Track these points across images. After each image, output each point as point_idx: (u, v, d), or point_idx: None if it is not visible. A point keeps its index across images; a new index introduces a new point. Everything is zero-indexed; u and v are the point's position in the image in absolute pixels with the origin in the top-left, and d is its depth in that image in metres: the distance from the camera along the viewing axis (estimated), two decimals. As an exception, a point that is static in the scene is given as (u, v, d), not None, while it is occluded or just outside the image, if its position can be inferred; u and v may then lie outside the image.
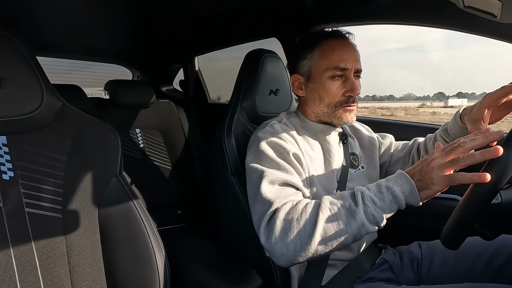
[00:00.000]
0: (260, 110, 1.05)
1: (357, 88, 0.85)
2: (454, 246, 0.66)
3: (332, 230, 0.64)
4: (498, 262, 0.84)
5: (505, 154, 0.56)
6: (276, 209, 0.70)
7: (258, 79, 1.03)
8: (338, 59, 0.85)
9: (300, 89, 0.92)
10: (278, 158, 0.78)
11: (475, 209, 0.59)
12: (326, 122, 0.91)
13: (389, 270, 0.91)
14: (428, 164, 0.62)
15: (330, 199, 0.68)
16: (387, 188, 0.64)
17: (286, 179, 0.75)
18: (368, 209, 0.64)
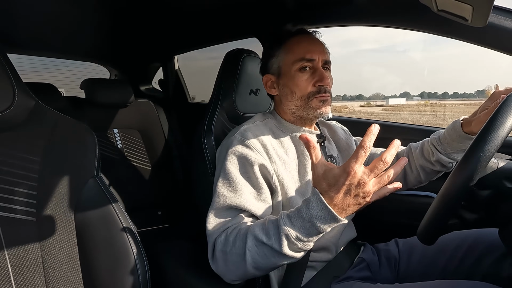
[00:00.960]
0: (240, 110, 1.05)
1: (326, 77, 0.86)
2: (430, 242, 0.69)
3: (263, 264, 0.69)
4: (471, 258, 0.87)
5: (475, 154, 0.58)
6: (214, 241, 0.75)
7: (238, 79, 1.03)
8: (303, 51, 0.86)
9: (273, 88, 0.93)
10: (234, 175, 0.79)
11: (449, 206, 0.61)
12: (303, 117, 0.90)
13: (367, 268, 0.92)
14: (363, 191, 0.60)
15: (255, 234, 0.68)
16: (312, 224, 0.63)
17: (232, 203, 0.77)
18: (295, 247, 0.65)
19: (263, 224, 0.70)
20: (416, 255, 0.94)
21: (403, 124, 1.49)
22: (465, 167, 0.58)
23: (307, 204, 0.64)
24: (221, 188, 0.79)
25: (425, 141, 0.97)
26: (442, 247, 0.91)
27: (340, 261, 0.90)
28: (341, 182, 0.60)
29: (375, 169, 0.59)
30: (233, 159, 0.81)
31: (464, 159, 0.59)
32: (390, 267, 0.95)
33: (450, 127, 0.90)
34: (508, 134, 0.58)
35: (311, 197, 0.64)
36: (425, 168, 0.96)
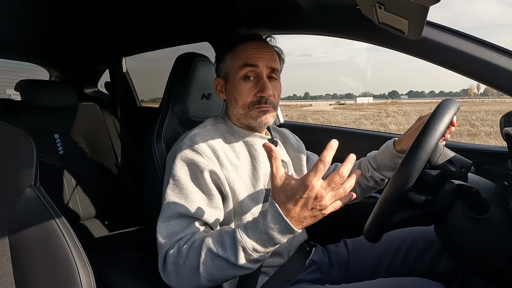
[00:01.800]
0: (192, 114, 1.03)
1: (268, 88, 0.84)
2: (375, 240, 0.74)
3: (218, 277, 0.68)
4: (413, 255, 0.93)
5: (412, 158, 0.64)
6: (166, 253, 0.72)
7: (189, 83, 1.01)
8: (248, 56, 0.86)
9: (221, 92, 0.93)
10: (184, 182, 0.77)
11: (390, 205, 0.67)
12: (247, 126, 0.90)
13: (317, 270, 0.94)
14: (320, 205, 0.62)
15: (210, 247, 0.67)
16: (268, 236, 0.64)
17: (182, 211, 0.75)
18: (252, 258, 0.65)
19: (218, 236, 0.69)
20: (364, 254, 0.99)
21: (359, 130, 1.57)
22: (403, 170, 0.64)
23: (264, 216, 0.64)
24: (171, 195, 0.77)
25: (363, 158, 1.05)
26: (387, 246, 0.97)
27: (291, 264, 0.92)
28: (299, 195, 0.61)
29: (332, 183, 0.61)
30: (182, 166, 0.79)
31: (403, 163, 0.65)
32: (339, 268, 0.98)
33: (384, 146, 0.98)
34: (439, 139, 0.66)
35: (268, 209, 0.64)
36: (361, 184, 1.03)
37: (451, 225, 0.77)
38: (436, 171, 0.74)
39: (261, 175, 0.89)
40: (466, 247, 0.76)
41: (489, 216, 0.71)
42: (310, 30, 1.20)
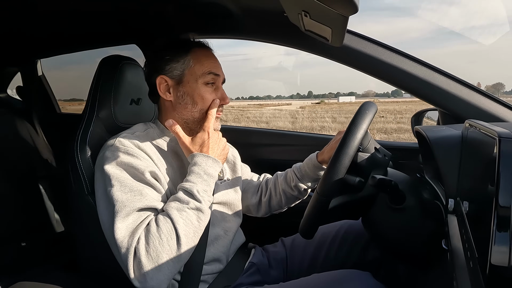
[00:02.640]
0: (120, 121, 0.97)
1: (227, 97, 0.91)
2: (310, 236, 0.77)
3: (192, 232, 0.73)
4: (344, 248, 0.99)
5: (341, 155, 0.70)
6: (134, 250, 0.69)
7: (116, 88, 0.95)
8: (212, 65, 0.89)
9: (167, 92, 0.89)
10: (130, 182, 0.75)
11: (321, 203, 0.71)
12: (193, 130, 0.89)
13: (257, 272, 0.95)
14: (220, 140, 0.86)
15: (176, 206, 0.73)
16: (207, 174, 0.79)
17: (140, 205, 0.73)
18: (205, 198, 0.76)
19: (173, 200, 0.75)
20: (300, 251, 1.03)
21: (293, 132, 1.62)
22: (337, 162, 0.69)
23: (194, 164, 0.79)
24: (122, 195, 0.73)
25: (289, 169, 1.10)
26: (321, 241, 1.02)
27: (231, 269, 0.91)
28: (206, 140, 0.82)
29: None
30: (122, 170, 0.76)
31: (335, 155, 0.70)
32: (278, 267, 1.01)
33: (308, 158, 1.05)
34: (361, 138, 0.73)
35: (194, 159, 0.80)
36: (286, 193, 1.07)
37: (375, 217, 0.85)
38: (366, 155, 0.81)
39: None
40: (388, 236, 0.84)
41: (405, 206, 0.79)
42: (240, 35, 1.22)
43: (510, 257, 0.31)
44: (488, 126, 0.45)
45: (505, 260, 0.31)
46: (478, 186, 0.46)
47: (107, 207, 0.75)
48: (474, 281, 0.38)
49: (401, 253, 0.86)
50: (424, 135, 0.79)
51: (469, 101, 1.04)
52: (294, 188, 1.04)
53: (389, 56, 1.08)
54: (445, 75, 1.06)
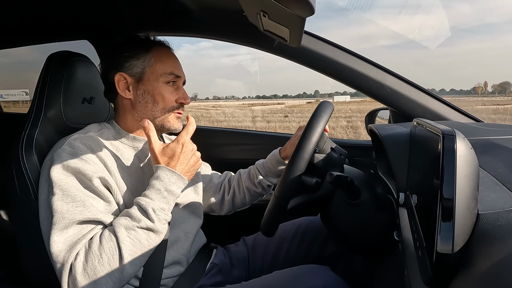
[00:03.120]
0: (71, 121, 0.91)
1: (188, 97, 0.89)
2: (271, 234, 0.78)
3: (139, 252, 0.69)
4: (305, 244, 1.02)
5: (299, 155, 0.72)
6: (70, 267, 0.65)
7: (66, 85, 0.89)
8: (173, 66, 0.87)
9: (126, 90, 0.85)
10: (73, 190, 0.70)
11: (281, 201, 0.72)
12: (157, 128, 0.86)
13: (219, 273, 0.94)
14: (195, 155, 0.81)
15: (125, 224, 0.69)
16: (168, 191, 0.74)
17: (81, 218, 0.68)
18: (161, 217, 0.72)
19: (125, 216, 0.71)
20: (262, 249, 1.04)
21: (255, 131, 1.63)
22: (293, 166, 0.70)
23: (157, 178, 0.74)
24: (63, 206, 0.68)
25: (252, 166, 1.10)
26: (282, 239, 1.03)
27: (192, 271, 0.90)
28: (178, 152, 0.77)
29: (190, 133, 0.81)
30: (68, 176, 0.71)
31: (296, 150, 0.71)
32: (240, 267, 1.01)
33: (271, 154, 1.06)
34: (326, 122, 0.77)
35: (158, 172, 0.75)
36: (250, 190, 1.07)
37: (333, 212, 0.88)
38: (322, 156, 0.84)
39: None
40: (345, 230, 0.88)
41: (361, 201, 0.83)
42: (199, 33, 1.20)
43: (453, 245, 0.34)
44: (433, 124, 0.48)
45: (449, 248, 0.34)
46: (425, 180, 0.49)
47: (47, 217, 0.70)
48: (422, 269, 0.41)
49: (357, 246, 0.90)
50: (377, 133, 0.83)
51: (417, 101, 1.11)
52: (257, 185, 1.05)
53: (344, 58, 1.12)
54: (396, 77, 1.12)
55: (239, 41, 1.17)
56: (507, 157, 0.53)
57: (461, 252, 0.34)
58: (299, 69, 25.91)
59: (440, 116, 1.11)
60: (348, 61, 1.12)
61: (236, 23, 1.10)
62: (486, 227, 0.35)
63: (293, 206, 0.81)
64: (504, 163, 0.51)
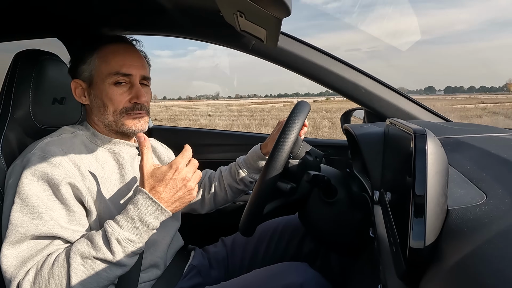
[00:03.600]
0: (41, 122, 0.87)
1: (143, 95, 0.82)
2: (250, 233, 0.78)
3: (94, 283, 0.63)
4: (283, 243, 1.03)
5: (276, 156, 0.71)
6: (18, 283, 0.61)
7: (34, 85, 0.85)
8: (120, 64, 0.80)
9: (83, 96, 0.83)
10: (34, 200, 0.65)
11: (262, 197, 0.72)
12: (119, 132, 0.84)
13: (198, 275, 0.93)
14: (186, 186, 0.71)
15: (82, 251, 0.63)
16: (142, 222, 0.66)
17: (35, 233, 0.64)
18: (127, 249, 0.65)
19: (86, 239, 0.65)
20: (241, 249, 1.04)
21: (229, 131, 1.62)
22: (271, 163, 0.70)
23: (134, 203, 0.67)
24: (19, 217, 0.64)
25: (233, 163, 1.10)
26: (260, 238, 1.04)
27: (170, 274, 0.88)
28: (168, 177, 0.68)
29: (193, 166, 0.73)
30: (32, 181, 0.66)
31: (270, 157, 0.71)
32: (219, 268, 1.00)
33: (251, 150, 1.06)
34: (297, 134, 0.75)
35: (138, 196, 0.67)
36: (231, 187, 1.07)
37: (310, 211, 0.89)
38: (297, 161, 0.84)
39: (131, 184, 0.83)
40: (322, 228, 0.89)
41: (337, 199, 0.85)
42: (176, 33, 1.19)
43: (425, 240, 0.35)
44: (406, 124, 0.50)
45: (421, 243, 0.35)
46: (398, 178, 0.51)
47: (4, 227, 0.66)
48: (396, 263, 0.42)
49: (334, 243, 0.92)
50: (352, 132, 0.85)
51: (390, 101, 1.15)
52: (239, 181, 1.05)
53: (321, 59, 1.14)
54: (371, 78, 1.15)
55: (216, 41, 1.17)
56: (474, 155, 0.56)
57: (433, 246, 0.36)
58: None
59: (411, 115, 1.15)
60: (324, 62, 1.14)
61: (213, 23, 1.09)
62: (456, 222, 0.36)
63: (269, 210, 0.82)
64: (471, 161, 0.53)
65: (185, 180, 0.70)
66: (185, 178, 0.70)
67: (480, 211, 0.36)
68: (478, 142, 0.62)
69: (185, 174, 0.70)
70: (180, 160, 0.70)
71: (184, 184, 0.70)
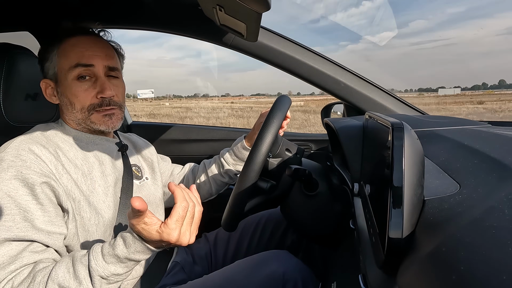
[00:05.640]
0: (13, 119, 0.84)
1: (108, 88, 0.77)
2: (232, 229, 0.78)
3: None
4: (266, 235, 1.04)
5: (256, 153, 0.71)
6: None
7: (5, 81, 0.82)
8: (79, 55, 0.76)
9: (53, 96, 0.80)
10: (8, 201, 0.61)
11: (243, 196, 0.72)
12: (92, 130, 0.81)
13: (181, 271, 0.93)
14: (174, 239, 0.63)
15: (60, 281, 0.59)
16: (130, 259, 0.63)
17: (9, 236, 0.60)
18: (111, 281, 0.63)
19: (69, 267, 0.61)
20: (224, 244, 1.04)
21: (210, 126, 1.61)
22: (250, 163, 0.70)
23: (123, 241, 0.63)
24: None
25: (217, 156, 1.09)
26: (243, 232, 1.04)
27: (153, 271, 0.87)
28: (156, 239, 0.62)
29: (181, 218, 0.63)
30: (4, 181, 0.63)
31: (249, 157, 0.71)
32: (203, 263, 1.00)
33: (236, 142, 1.06)
34: (276, 133, 0.73)
35: (127, 236, 0.63)
36: (216, 180, 1.07)
37: (292, 204, 0.90)
38: (277, 160, 0.84)
39: (113, 181, 0.80)
40: (303, 221, 0.90)
41: (318, 192, 0.86)
42: (153, 26, 1.16)
43: (403, 230, 0.36)
44: (384, 117, 0.51)
45: (399, 232, 0.36)
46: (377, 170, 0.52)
47: None
48: (376, 253, 0.44)
49: (315, 235, 0.93)
50: (332, 126, 0.87)
51: (369, 95, 1.17)
52: (224, 174, 1.05)
53: (301, 54, 1.15)
54: (350, 72, 1.17)
55: (196, 35, 1.15)
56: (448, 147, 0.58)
57: (410, 235, 0.37)
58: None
59: (389, 109, 1.17)
60: (304, 57, 1.14)
61: (192, 16, 1.08)
62: (432, 212, 0.38)
63: (251, 207, 0.82)
64: (445, 152, 0.55)
65: (173, 241, 0.63)
66: (173, 240, 0.63)
67: (454, 201, 0.37)
68: (452, 134, 0.64)
69: (171, 232, 0.62)
70: (170, 229, 0.62)
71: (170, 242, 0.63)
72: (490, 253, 0.26)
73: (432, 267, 0.30)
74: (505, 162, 0.41)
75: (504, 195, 0.33)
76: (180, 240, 0.63)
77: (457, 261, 0.27)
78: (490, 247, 0.27)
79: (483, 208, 0.33)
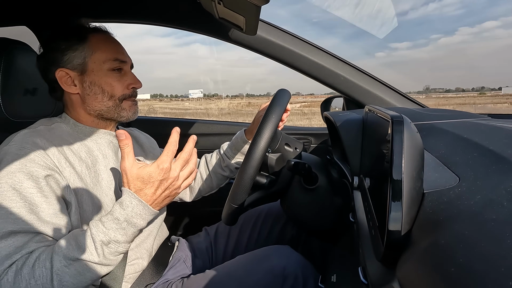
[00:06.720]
0: (12, 115, 0.84)
1: (139, 81, 0.86)
2: (232, 223, 0.79)
3: (78, 284, 0.62)
4: (266, 229, 1.04)
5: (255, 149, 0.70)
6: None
7: (3, 76, 0.81)
8: (116, 51, 0.83)
9: (72, 85, 0.80)
10: (12, 194, 0.62)
11: (243, 191, 0.72)
12: (111, 119, 0.83)
13: (183, 265, 0.93)
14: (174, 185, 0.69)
15: (64, 252, 0.61)
16: (129, 223, 0.64)
17: (13, 229, 0.61)
18: (112, 250, 0.64)
19: (70, 239, 0.63)
20: (224, 238, 1.04)
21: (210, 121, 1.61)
22: (250, 158, 0.70)
23: (120, 204, 0.65)
24: None
25: (217, 150, 1.09)
26: (243, 226, 1.05)
27: (155, 265, 0.88)
28: (155, 179, 0.65)
29: (182, 162, 0.69)
30: (7, 175, 0.63)
31: (248, 152, 0.71)
32: (204, 257, 1.01)
33: (236, 135, 1.05)
34: (276, 128, 0.72)
35: (124, 197, 0.65)
36: (217, 174, 1.07)
37: (292, 198, 0.90)
38: (276, 155, 0.84)
39: (115, 175, 0.81)
40: (303, 214, 0.91)
41: (318, 185, 0.86)
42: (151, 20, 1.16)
43: (402, 223, 0.37)
44: (383, 111, 0.51)
45: (399, 225, 0.37)
46: (377, 163, 0.52)
47: None
48: (375, 246, 0.44)
49: (315, 228, 0.94)
50: (332, 119, 0.87)
51: (368, 89, 1.17)
52: (225, 168, 1.05)
53: (301, 47, 1.14)
54: (350, 65, 1.16)
55: (194, 29, 1.15)
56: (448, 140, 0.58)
57: (410, 228, 0.37)
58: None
59: (389, 102, 1.17)
60: (304, 50, 1.14)
61: (190, 10, 1.07)
62: (431, 205, 0.38)
63: (251, 202, 0.82)
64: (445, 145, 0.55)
65: (173, 179, 0.68)
66: (173, 177, 0.67)
67: (454, 194, 0.37)
68: (452, 127, 0.64)
69: (173, 173, 0.67)
70: (166, 159, 0.66)
71: (172, 183, 0.68)
72: (489, 246, 0.26)
73: (431, 260, 0.30)
74: (505, 155, 0.41)
75: (503, 188, 0.34)
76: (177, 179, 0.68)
77: (456, 254, 0.28)
78: (489, 240, 0.27)
79: (482, 201, 0.33)
